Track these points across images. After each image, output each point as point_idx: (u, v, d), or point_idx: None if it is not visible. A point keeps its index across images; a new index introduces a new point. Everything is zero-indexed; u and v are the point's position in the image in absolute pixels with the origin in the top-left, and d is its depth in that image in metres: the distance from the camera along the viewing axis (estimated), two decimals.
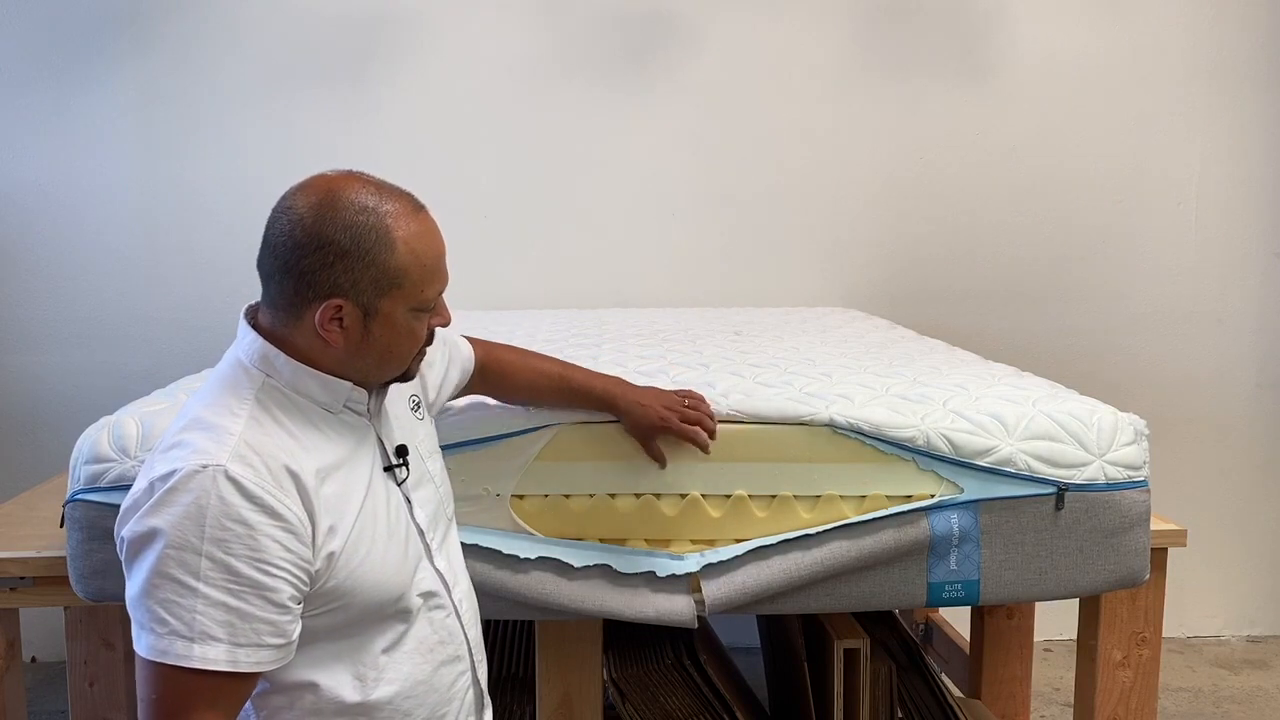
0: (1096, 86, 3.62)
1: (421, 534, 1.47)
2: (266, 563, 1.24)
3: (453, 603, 1.50)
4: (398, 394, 1.52)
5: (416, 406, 1.58)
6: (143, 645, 1.23)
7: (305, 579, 1.28)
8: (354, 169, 1.37)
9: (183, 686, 1.22)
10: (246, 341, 1.36)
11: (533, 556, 1.84)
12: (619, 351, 2.45)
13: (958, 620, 3.12)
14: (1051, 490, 1.86)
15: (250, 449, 1.27)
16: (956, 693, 2.85)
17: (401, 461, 1.46)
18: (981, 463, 1.86)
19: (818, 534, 1.85)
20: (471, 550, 1.78)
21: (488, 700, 1.60)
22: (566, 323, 3.02)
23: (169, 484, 1.23)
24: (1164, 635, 2.15)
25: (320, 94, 3.48)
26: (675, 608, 1.85)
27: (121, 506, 1.28)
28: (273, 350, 1.34)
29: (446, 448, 1.72)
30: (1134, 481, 1.89)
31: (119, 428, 1.83)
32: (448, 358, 1.74)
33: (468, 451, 1.84)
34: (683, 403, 1.83)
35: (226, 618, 1.22)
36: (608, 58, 3.53)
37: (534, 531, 1.87)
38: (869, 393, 2.00)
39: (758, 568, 1.85)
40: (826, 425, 1.87)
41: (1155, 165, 3.66)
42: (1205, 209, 3.69)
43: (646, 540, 1.88)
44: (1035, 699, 3.20)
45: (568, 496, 1.88)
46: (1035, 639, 2.89)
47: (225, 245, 3.47)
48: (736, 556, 1.85)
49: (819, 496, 1.87)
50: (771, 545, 1.85)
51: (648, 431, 1.82)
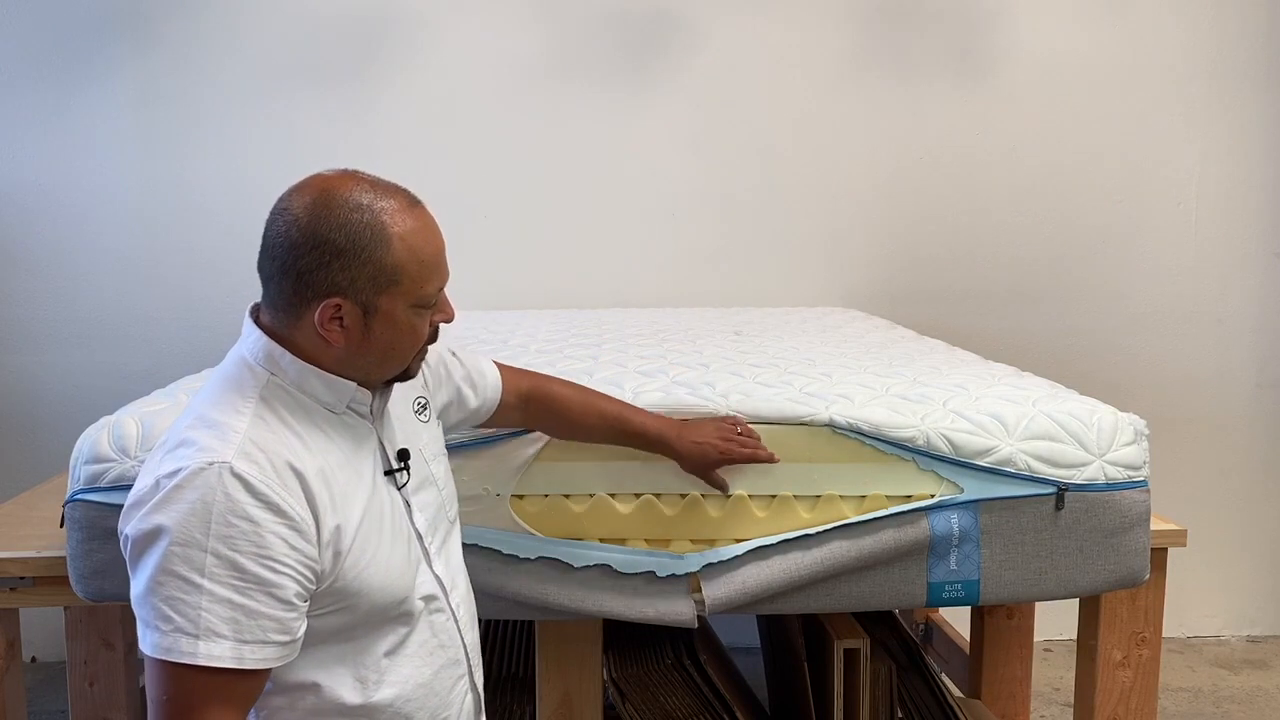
0: (1097, 86, 3.62)
1: (420, 538, 1.46)
2: (272, 559, 1.23)
3: (450, 606, 1.49)
4: (401, 396, 1.51)
5: (422, 409, 1.57)
6: (148, 643, 1.22)
7: (311, 577, 1.28)
8: (350, 168, 1.36)
9: (190, 685, 1.21)
10: (251, 340, 1.36)
11: (533, 556, 1.85)
12: (619, 351, 2.44)
13: (958, 620, 3.12)
14: (1051, 490, 1.86)
15: (255, 446, 1.27)
16: (956, 693, 2.85)
17: (402, 466, 1.46)
18: (981, 463, 1.86)
19: (818, 534, 1.85)
20: (471, 550, 1.78)
21: (483, 705, 1.59)
22: (566, 323, 3.02)
23: (174, 481, 1.23)
24: (1164, 635, 2.15)
25: (320, 94, 3.48)
26: (675, 608, 1.85)
27: (125, 503, 1.27)
28: (277, 349, 1.34)
29: (448, 448, 1.72)
30: (1134, 481, 1.89)
31: (119, 428, 1.83)
32: (465, 384, 1.70)
33: (468, 451, 1.84)
34: (735, 430, 1.84)
35: (232, 614, 1.22)
36: (608, 58, 3.53)
37: (534, 531, 1.86)
38: (869, 393, 2.00)
39: (758, 568, 1.85)
40: (826, 425, 1.87)
41: (1155, 165, 3.66)
42: (1205, 209, 3.69)
43: (646, 540, 1.88)
44: (1035, 699, 3.19)
45: (568, 496, 1.88)
46: (1035, 639, 2.89)
47: (225, 245, 3.47)
48: (736, 556, 1.85)
49: (819, 496, 1.87)
50: (771, 545, 1.85)
51: (710, 467, 1.83)
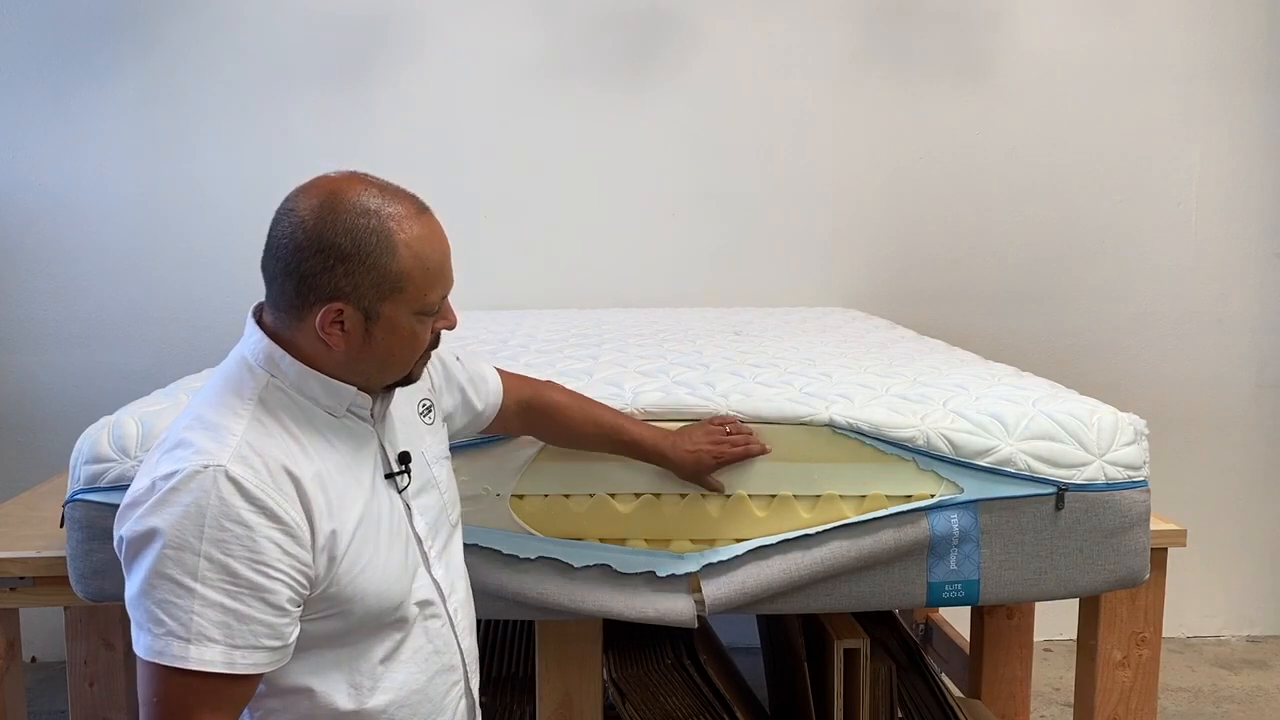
0: (1096, 86, 3.62)
1: (419, 542, 1.46)
2: (265, 564, 1.23)
3: (447, 612, 1.48)
4: (405, 398, 1.50)
5: (427, 411, 1.56)
6: (141, 645, 1.22)
7: (304, 582, 1.28)
8: (357, 170, 1.36)
9: (181, 687, 1.21)
10: (253, 341, 1.35)
11: (533, 556, 1.84)
12: (619, 351, 2.44)
13: (958, 620, 3.12)
14: (1051, 490, 1.86)
15: (251, 450, 1.26)
16: (956, 693, 2.85)
17: (403, 469, 1.45)
18: (981, 463, 1.86)
19: (818, 534, 1.85)
20: (471, 550, 1.77)
21: (479, 711, 1.58)
22: (566, 323, 3.02)
23: (170, 483, 1.23)
24: (1164, 635, 2.15)
25: (320, 93, 3.48)
26: (675, 608, 1.85)
27: (121, 504, 1.27)
28: (278, 351, 1.33)
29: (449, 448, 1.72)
30: (1134, 481, 1.89)
31: (119, 428, 1.83)
32: (469, 387, 1.70)
33: (468, 451, 1.84)
34: (724, 430, 1.84)
35: (223, 619, 1.21)
36: (608, 57, 3.53)
37: (534, 531, 1.86)
38: (869, 393, 2.00)
39: (758, 568, 1.85)
40: (826, 425, 1.87)
41: (1155, 165, 3.66)
42: (1205, 209, 3.69)
43: (646, 540, 1.88)
44: (1035, 699, 3.19)
45: (568, 496, 1.88)
46: (1035, 639, 2.89)
47: (226, 244, 3.47)
48: (736, 556, 1.85)
49: (819, 496, 1.87)
50: (771, 545, 1.85)
51: (706, 472, 1.83)
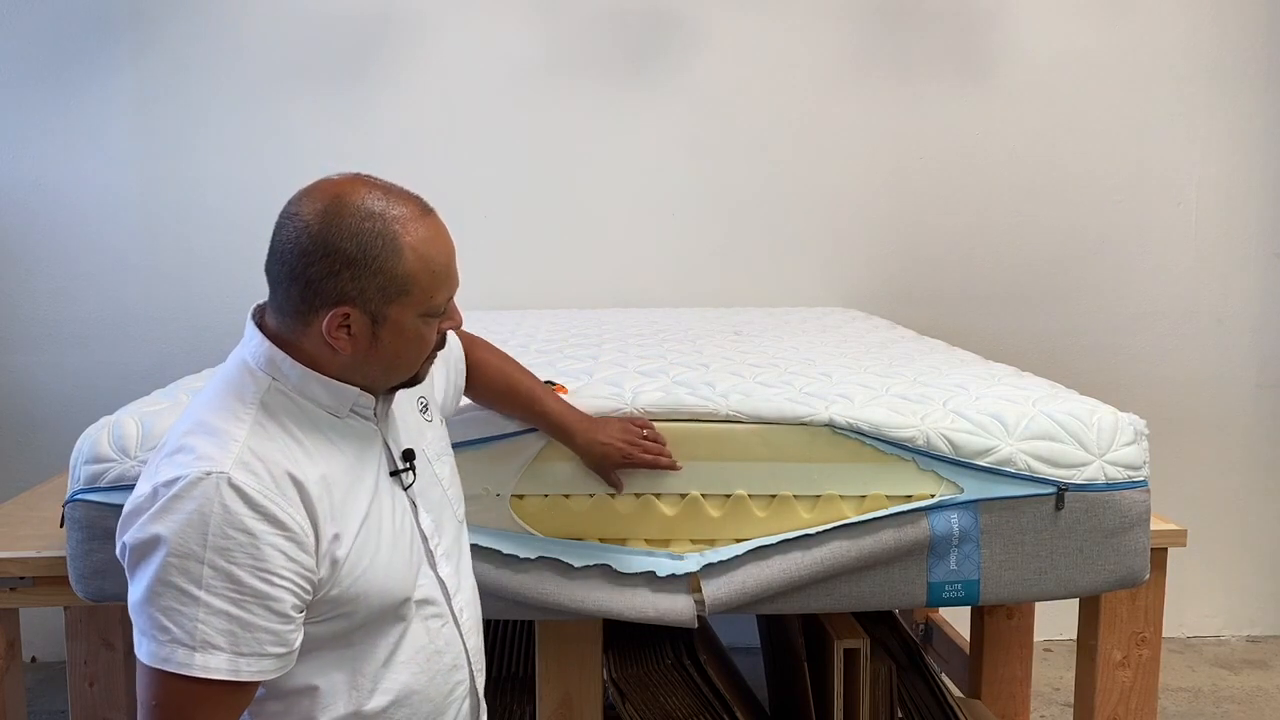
0: (1096, 86, 3.62)
1: (425, 539, 1.46)
2: (269, 572, 1.23)
3: (452, 611, 1.48)
4: (405, 397, 1.50)
5: (425, 409, 1.56)
6: (144, 652, 1.22)
7: (308, 587, 1.27)
8: (360, 172, 1.35)
9: (183, 694, 1.21)
10: (253, 344, 1.35)
11: (533, 556, 1.84)
12: (619, 351, 2.44)
13: (958, 620, 3.12)
14: (1051, 490, 1.86)
15: (254, 455, 1.26)
16: (956, 693, 2.85)
17: (408, 466, 1.45)
18: (981, 463, 1.86)
19: (818, 534, 1.85)
20: (472, 550, 1.77)
21: (484, 709, 1.58)
22: (566, 323, 3.02)
23: (172, 490, 1.22)
24: (1164, 635, 2.15)
25: (320, 94, 3.48)
26: (675, 608, 1.85)
27: (124, 510, 1.26)
28: (279, 354, 1.33)
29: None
30: (1134, 481, 1.89)
31: (119, 428, 1.83)
32: (449, 359, 1.72)
33: (468, 451, 1.84)
34: (641, 432, 1.84)
35: (228, 627, 1.21)
36: (608, 57, 3.53)
37: (534, 531, 1.86)
38: (869, 393, 2.00)
39: (758, 568, 1.85)
40: (826, 425, 1.87)
41: (1155, 165, 3.66)
42: (1205, 209, 3.69)
43: (646, 540, 1.88)
44: (1035, 699, 3.19)
45: (568, 496, 1.88)
46: (1035, 639, 2.89)
47: (226, 245, 3.46)
48: (736, 556, 1.85)
49: (819, 496, 1.87)
50: (771, 545, 1.85)
51: (611, 468, 1.83)
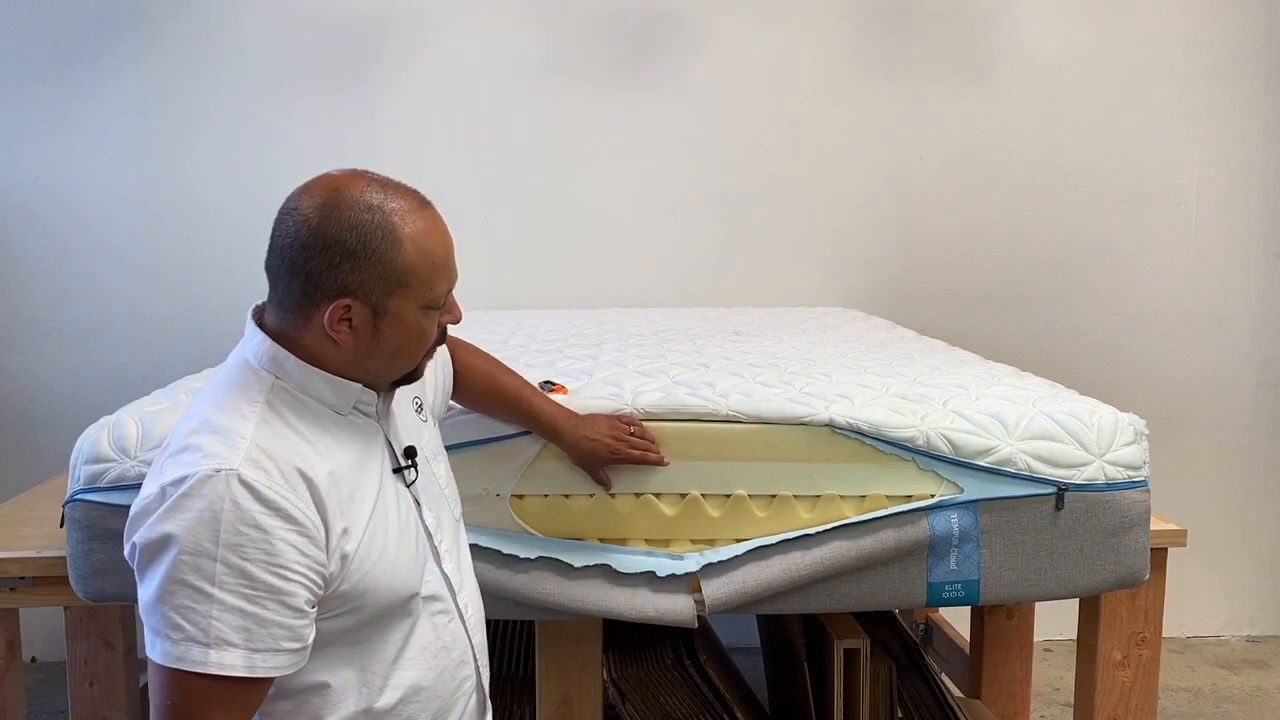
0: (1096, 86, 3.62)
1: (429, 535, 1.47)
2: (282, 567, 1.23)
3: (457, 607, 1.49)
4: (402, 396, 1.51)
5: (419, 409, 1.57)
6: (158, 652, 1.22)
7: (320, 582, 1.28)
8: (358, 167, 1.36)
9: (199, 692, 1.21)
10: (255, 343, 1.35)
11: (533, 556, 1.84)
12: (619, 351, 2.44)
13: (958, 620, 3.12)
14: (1051, 490, 1.86)
15: (262, 452, 1.26)
16: (956, 693, 2.85)
17: (411, 463, 1.46)
18: (981, 463, 1.86)
19: (818, 534, 1.85)
20: (471, 550, 1.77)
21: (489, 705, 1.59)
22: (566, 323, 3.02)
23: (181, 489, 1.22)
24: (1164, 635, 2.15)
25: (320, 94, 3.48)
26: (675, 608, 1.85)
27: (131, 511, 1.26)
28: (282, 352, 1.33)
29: (448, 448, 1.72)
30: (1134, 481, 1.89)
31: (119, 428, 1.83)
32: (437, 363, 1.72)
33: (468, 452, 1.84)
34: (628, 429, 1.84)
35: (243, 623, 1.21)
36: (608, 57, 3.53)
37: (534, 531, 1.86)
38: (869, 393, 2.00)
39: (758, 568, 1.85)
40: (826, 425, 1.87)
41: (1155, 165, 3.66)
42: (1205, 209, 3.69)
43: (646, 540, 1.88)
44: (1035, 699, 3.19)
45: (568, 496, 1.88)
46: (1035, 639, 2.89)
47: (225, 245, 3.47)
48: (736, 556, 1.85)
49: (819, 496, 1.87)
50: (771, 545, 1.85)
51: (598, 463, 1.83)
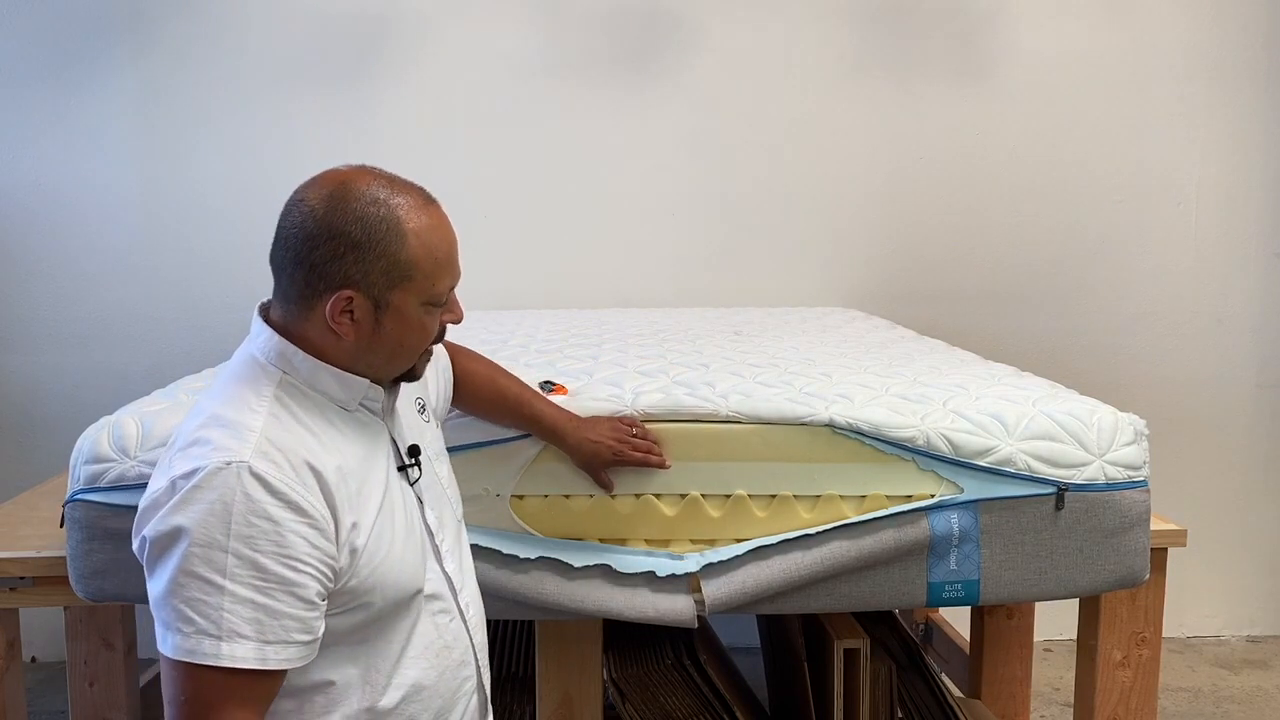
0: (1096, 86, 3.61)
1: (431, 535, 1.47)
2: (293, 559, 1.23)
3: (459, 607, 1.49)
4: (405, 396, 1.52)
5: (422, 409, 1.58)
6: (169, 646, 1.22)
7: (330, 575, 1.28)
8: (366, 163, 1.37)
9: (211, 686, 1.21)
10: (262, 339, 1.36)
11: (533, 556, 1.84)
12: (619, 351, 2.44)
13: (958, 620, 3.12)
14: (1051, 490, 1.86)
15: (272, 445, 1.26)
16: (956, 693, 2.85)
17: (414, 461, 1.46)
18: (981, 463, 1.86)
19: (818, 534, 1.85)
20: (472, 550, 1.77)
21: (490, 707, 1.59)
22: (566, 323, 3.02)
23: (192, 481, 1.22)
24: (1164, 635, 2.15)
25: (320, 94, 3.48)
26: (675, 608, 1.85)
27: (140, 506, 1.26)
28: (290, 347, 1.34)
29: (448, 450, 1.72)
30: (1134, 481, 1.89)
31: (119, 428, 1.83)
32: (438, 368, 1.73)
33: (469, 453, 1.84)
34: (630, 431, 1.84)
35: (254, 615, 1.21)
36: (608, 57, 3.53)
37: (534, 531, 1.87)
38: (869, 393, 2.00)
39: (758, 568, 1.85)
40: (826, 425, 1.87)
41: (1155, 165, 3.66)
42: (1205, 209, 3.69)
43: (646, 540, 1.88)
44: (1035, 699, 3.19)
45: (568, 496, 1.88)
46: (1035, 639, 2.89)
47: (226, 245, 3.47)
48: (736, 556, 1.85)
49: (819, 496, 1.87)
50: (771, 545, 1.85)
51: (601, 465, 1.83)
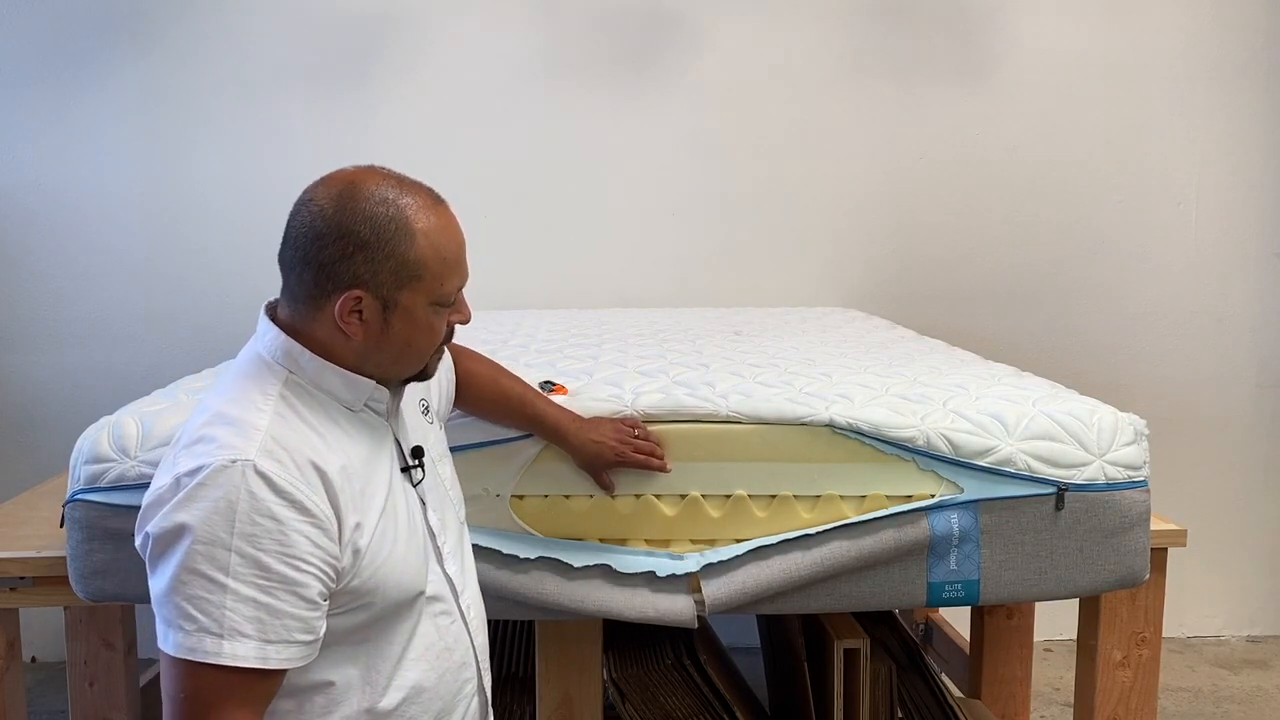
0: (1096, 86, 3.62)
1: (433, 536, 1.47)
2: (296, 558, 1.23)
3: (460, 608, 1.49)
4: (409, 398, 1.52)
5: (425, 411, 1.58)
6: (170, 643, 1.21)
7: (333, 575, 1.28)
8: (375, 164, 1.37)
9: (211, 684, 1.21)
10: (269, 338, 1.36)
11: (533, 556, 1.84)
12: (619, 351, 2.44)
13: (958, 620, 3.12)
14: (1051, 490, 1.86)
15: (277, 444, 1.26)
16: (956, 693, 2.85)
17: (418, 462, 1.46)
18: (981, 463, 1.86)
19: (818, 534, 1.85)
20: (472, 550, 1.78)
21: (491, 709, 1.59)
22: (566, 323, 3.02)
23: (196, 479, 1.22)
24: (1164, 635, 2.15)
25: (320, 94, 3.48)
26: (675, 608, 1.85)
27: (143, 502, 1.26)
28: (296, 346, 1.34)
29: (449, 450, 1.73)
30: (1134, 481, 1.89)
31: (119, 428, 1.83)
32: (442, 369, 1.72)
33: (469, 453, 1.84)
34: (632, 432, 1.84)
35: (256, 614, 1.21)
36: (608, 58, 3.53)
37: (534, 531, 1.87)
38: (869, 393, 2.00)
39: (758, 568, 1.85)
40: (826, 425, 1.87)
41: (1155, 165, 3.66)
42: (1205, 209, 3.69)
43: (646, 540, 1.88)
44: (1035, 699, 3.19)
45: (568, 497, 1.88)
46: (1035, 639, 2.89)
47: (225, 245, 3.47)
48: (736, 556, 1.85)
49: (819, 496, 1.87)
50: (771, 545, 1.85)
51: (602, 466, 1.83)
